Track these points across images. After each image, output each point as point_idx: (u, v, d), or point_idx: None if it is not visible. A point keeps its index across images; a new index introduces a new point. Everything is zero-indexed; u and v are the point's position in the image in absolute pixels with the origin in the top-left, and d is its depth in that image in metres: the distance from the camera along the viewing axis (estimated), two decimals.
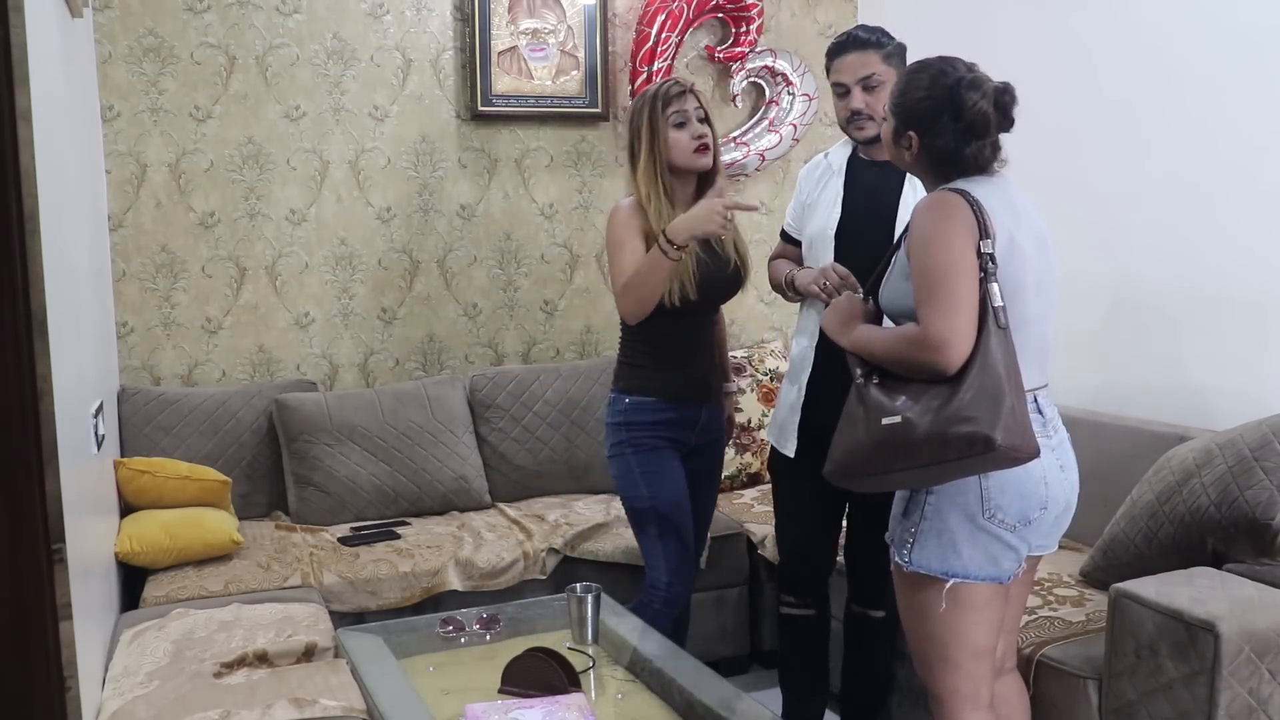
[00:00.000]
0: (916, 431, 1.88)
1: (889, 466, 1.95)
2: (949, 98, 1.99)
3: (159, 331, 3.57)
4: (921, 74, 2.04)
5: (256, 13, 3.57)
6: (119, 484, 3.04)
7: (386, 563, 3.05)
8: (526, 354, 4.01)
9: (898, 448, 1.91)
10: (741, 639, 3.45)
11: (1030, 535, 2.03)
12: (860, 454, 1.98)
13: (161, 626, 2.51)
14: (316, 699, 2.13)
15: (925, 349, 1.90)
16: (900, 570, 2.08)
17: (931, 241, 1.93)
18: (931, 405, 1.89)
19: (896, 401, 1.93)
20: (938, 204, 1.97)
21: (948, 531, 2.00)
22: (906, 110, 2.05)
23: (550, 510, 3.46)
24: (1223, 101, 2.93)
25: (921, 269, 1.94)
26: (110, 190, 3.47)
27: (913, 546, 2.04)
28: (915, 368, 1.93)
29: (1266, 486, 2.37)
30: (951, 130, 2.00)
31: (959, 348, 1.88)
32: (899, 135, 2.07)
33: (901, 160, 2.12)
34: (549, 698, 2.15)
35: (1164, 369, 3.07)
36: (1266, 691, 2.12)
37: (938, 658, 2.08)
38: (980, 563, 2.00)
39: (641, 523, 2.72)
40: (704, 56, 4.10)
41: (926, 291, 1.92)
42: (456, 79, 3.82)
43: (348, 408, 3.44)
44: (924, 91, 2.02)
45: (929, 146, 2.03)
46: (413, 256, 3.83)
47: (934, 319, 1.89)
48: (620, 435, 2.71)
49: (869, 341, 2.04)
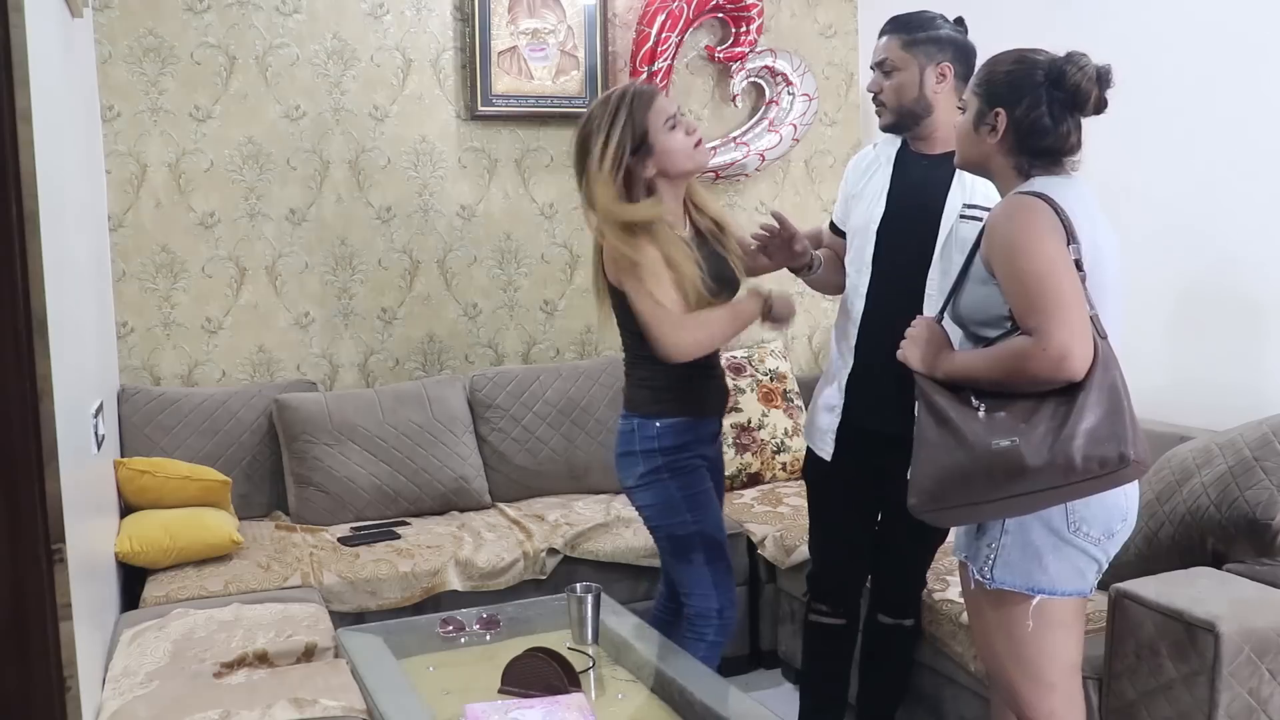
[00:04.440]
0: (1035, 455, 1.76)
1: (992, 494, 1.81)
2: (1046, 70, 1.92)
3: (159, 331, 3.57)
4: (1004, 55, 1.98)
5: (256, 13, 3.56)
6: (119, 484, 3.04)
7: (386, 563, 3.05)
8: (526, 354, 4.01)
9: (1009, 472, 1.78)
10: (741, 639, 3.44)
11: (1110, 548, 1.97)
12: (959, 481, 1.83)
13: (161, 626, 2.50)
14: (316, 699, 2.13)
15: (1046, 362, 1.76)
16: (980, 589, 1.97)
17: (1023, 247, 1.83)
18: (1051, 425, 1.77)
19: (1005, 422, 1.80)
20: (1019, 208, 1.88)
21: (1031, 546, 1.91)
22: (993, 86, 1.96)
23: (550, 510, 3.46)
24: (1215, 102, 2.93)
25: (1016, 277, 1.83)
26: (110, 190, 3.47)
27: (994, 563, 1.94)
28: (1033, 382, 1.80)
29: (1266, 486, 2.37)
30: (1048, 102, 1.91)
31: (1082, 354, 1.76)
32: (982, 117, 1.97)
33: (978, 150, 2.00)
34: (549, 698, 2.15)
35: (1164, 369, 3.07)
36: (1266, 691, 2.12)
37: (1029, 681, 1.97)
38: (1067, 576, 1.93)
39: (686, 550, 2.54)
40: (704, 56, 4.10)
41: (1029, 301, 1.80)
42: (456, 79, 3.82)
43: (348, 408, 3.44)
44: (1012, 66, 1.95)
45: (1020, 121, 1.93)
46: (413, 256, 3.83)
47: (1050, 329, 1.77)
48: (655, 462, 2.49)
49: (969, 367, 1.90)
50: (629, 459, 2.53)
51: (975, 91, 2.00)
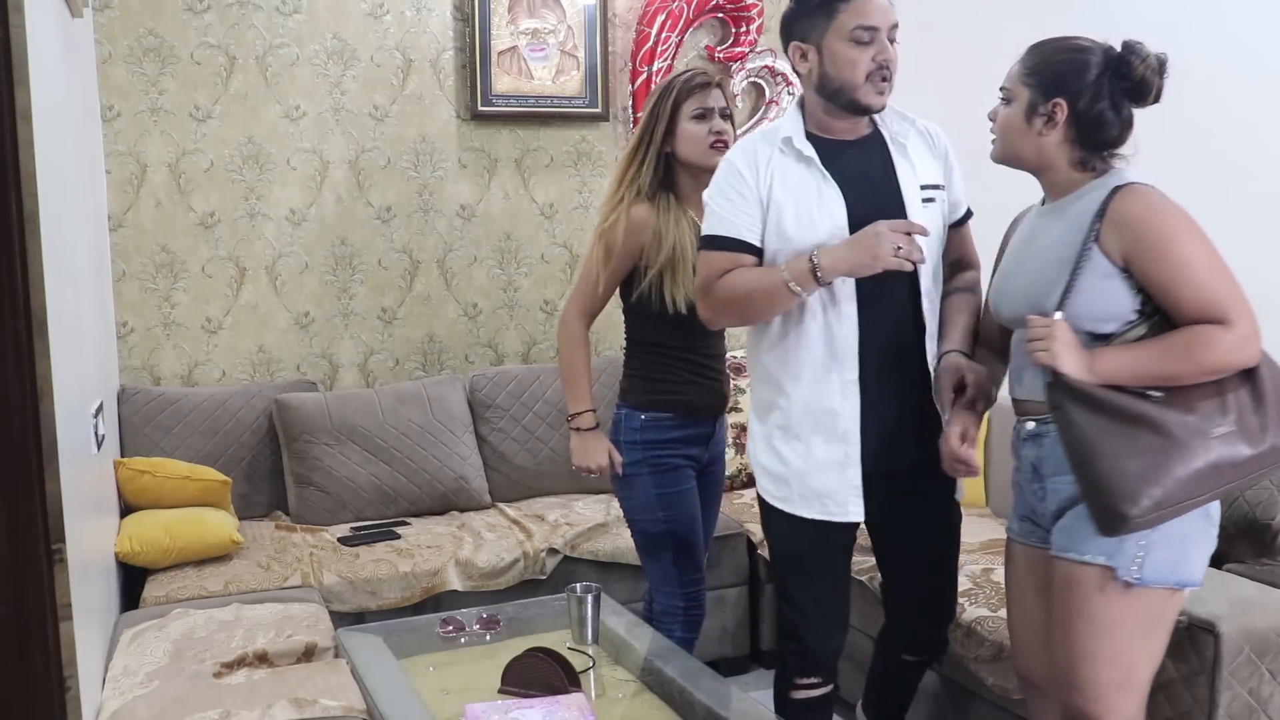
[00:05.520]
0: (1254, 439, 1.73)
1: (1215, 485, 1.76)
2: (1107, 59, 1.86)
3: (159, 331, 3.57)
4: (1054, 43, 1.90)
5: (256, 13, 3.56)
6: (119, 484, 3.04)
7: (386, 563, 3.05)
8: (526, 354, 4.01)
9: (1233, 461, 1.75)
10: (741, 639, 3.45)
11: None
12: (1189, 478, 1.75)
13: (161, 626, 2.50)
14: (316, 699, 2.13)
15: (1237, 346, 1.73)
16: (1115, 590, 1.85)
17: (1184, 235, 1.78)
18: (1252, 407, 1.75)
19: (1208, 412, 1.75)
20: (1157, 198, 1.82)
21: (1178, 538, 1.83)
22: (1053, 74, 1.87)
23: (550, 510, 3.46)
24: (1217, 99, 2.93)
25: (1186, 265, 1.77)
26: (110, 190, 3.47)
27: (1144, 560, 1.83)
28: (1216, 370, 1.76)
29: (1266, 486, 2.38)
30: (1111, 92, 1.85)
31: (1259, 336, 1.76)
32: (1035, 108, 1.89)
33: (1030, 143, 1.91)
34: (549, 698, 2.15)
35: None
36: (1266, 691, 2.12)
37: (1117, 684, 1.88)
38: (1200, 566, 1.86)
39: (655, 548, 2.59)
40: (704, 56, 4.10)
41: (1210, 288, 1.76)
42: (456, 79, 3.82)
43: (348, 408, 3.44)
44: (1072, 54, 1.87)
45: (1083, 113, 1.86)
46: (413, 256, 3.83)
47: (1239, 313, 1.75)
48: (635, 455, 2.54)
49: (1137, 364, 1.80)
50: (616, 448, 2.59)
51: (1026, 81, 1.91)
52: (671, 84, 2.53)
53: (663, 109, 2.50)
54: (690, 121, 2.49)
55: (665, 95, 2.51)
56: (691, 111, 2.49)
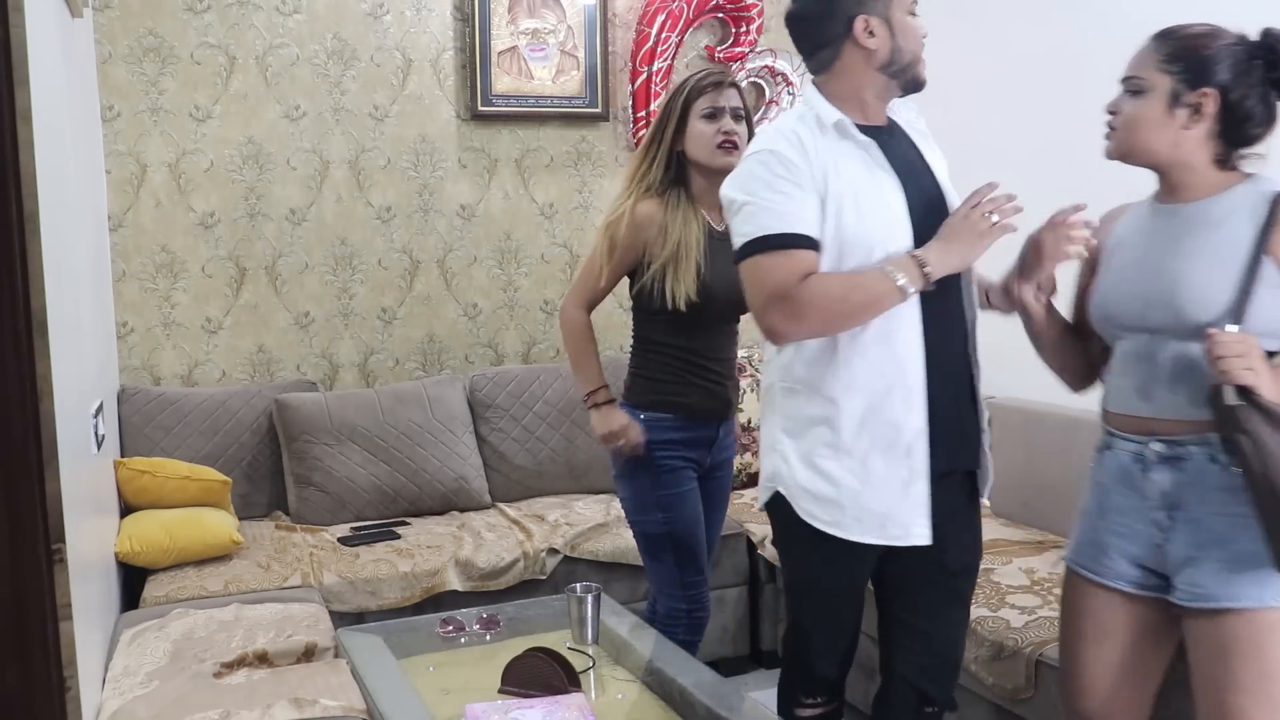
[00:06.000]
0: None
1: None
2: (1258, 47, 1.71)
3: (159, 331, 3.57)
4: (1195, 29, 1.74)
5: (256, 13, 3.57)
6: (119, 484, 3.04)
7: (386, 563, 3.05)
8: (526, 354, 4.01)
9: None
10: (741, 639, 3.45)
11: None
12: None
13: (161, 626, 2.50)
14: (316, 699, 2.13)
15: None
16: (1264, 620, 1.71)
17: None
18: None
19: None
20: None
21: None
22: (1200, 62, 1.70)
23: (550, 510, 3.46)
24: None
25: None
26: (110, 190, 3.47)
27: None
28: None
29: None
30: (1263, 83, 1.71)
31: None
32: (1179, 98, 1.72)
33: (1166, 136, 1.75)
34: (549, 698, 2.15)
35: None
36: None
37: (1265, 706, 1.73)
38: None
39: (656, 549, 2.58)
40: (704, 56, 4.10)
41: None
42: (456, 79, 3.82)
43: (348, 408, 3.44)
44: (1219, 40, 1.71)
45: (1235, 105, 1.70)
46: (413, 256, 3.83)
47: None
48: (635, 454, 2.54)
49: None
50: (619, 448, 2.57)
51: (1165, 69, 1.73)
52: (684, 82, 2.54)
53: (674, 107, 2.51)
54: (700, 120, 2.48)
55: (677, 93, 2.53)
56: (702, 110, 2.48)
